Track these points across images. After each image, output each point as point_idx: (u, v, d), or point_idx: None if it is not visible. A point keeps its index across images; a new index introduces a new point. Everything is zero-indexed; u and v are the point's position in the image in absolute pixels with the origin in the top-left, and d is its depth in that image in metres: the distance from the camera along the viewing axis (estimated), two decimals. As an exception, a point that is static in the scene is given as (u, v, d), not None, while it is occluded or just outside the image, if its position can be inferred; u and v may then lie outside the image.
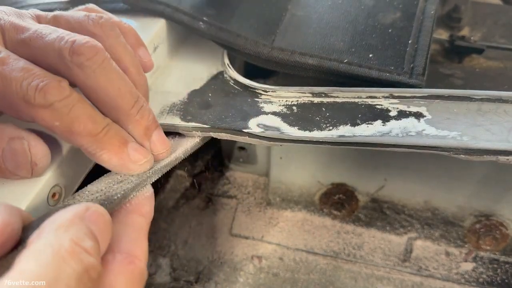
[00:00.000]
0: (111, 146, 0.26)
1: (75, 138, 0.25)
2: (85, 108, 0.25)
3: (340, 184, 0.53)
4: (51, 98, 0.24)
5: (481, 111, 0.32)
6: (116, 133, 0.27)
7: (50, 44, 0.25)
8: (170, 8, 0.39)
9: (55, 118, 0.24)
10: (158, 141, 0.29)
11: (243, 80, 0.37)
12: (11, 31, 0.26)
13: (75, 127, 0.25)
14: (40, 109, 0.24)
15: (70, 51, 0.25)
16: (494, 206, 0.49)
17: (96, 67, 0.25)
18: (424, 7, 0.40)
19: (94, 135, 0.25)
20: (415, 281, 0.51)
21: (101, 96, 0.26)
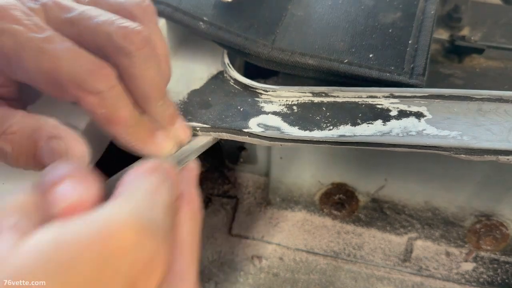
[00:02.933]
0: (143, 136, 0.28)
1: (112, 127, 0.26)
2: (126, 100, 0.26)
3: (341, 184, 0.53)
4: (102, 85, 0.24)
5: (482, 111, 0.32)
6: (146, 123, 0.28)
7: (99, 26, 0.25)
8: (170, 8, 0.39)
9: (102, 105, 0.25)
10: (181, 127, 0.31)
11: (243, 79, 0.37)
12: (55, 10, 0.26)
13: (116, 117, 0.26)
14: (89, 94, 0.24)
15: (122, 37, 0.25)
16: (494, 206, 0.49)
17: (143, 58, 0.26)
18: (424, 7, 0.40)
19: (130, 127, 0.27)
20: (415, 281, 0.51)
21: (139, 86, 0.27)
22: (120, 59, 0.26)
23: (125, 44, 0.25)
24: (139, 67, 0.26)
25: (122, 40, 0.25)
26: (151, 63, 0.27)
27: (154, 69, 0.27)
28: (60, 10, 0.26)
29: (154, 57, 0.27)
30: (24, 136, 0.25)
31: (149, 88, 0.27)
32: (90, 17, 0.26)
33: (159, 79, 0.28)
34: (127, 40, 0.25)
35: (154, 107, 0.28)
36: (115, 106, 0.26)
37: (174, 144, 0.30)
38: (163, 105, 0.29)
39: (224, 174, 0.61)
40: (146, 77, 0.27)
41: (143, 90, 0.27)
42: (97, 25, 0.26)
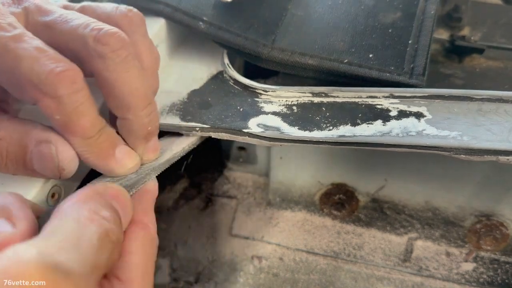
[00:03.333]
0: (100, 150, 0.25)
1: (69, 136, 0.24)
2: (90, 108, 0.24)
3: (340, 184, 0.53)
4: (61, 90, 0.23)
5: (482, 111, 0.32)
6: (108, 137, 0.26)
7: (74, 29, 0.25)
8: (170, 8, 0.39)
9: (58, 111, 0.23)
10: (152, 147, 0.29)
11: (243, 80, 0.37)
12: (35, 13, 0.26)
13: (73, 126, 0.24)
14: (46, 97, 0.23)
15: (95, 39, 0.24)
16: (494, 206, 0.49)
17: (118, 61, 0.25)
18: (424, 7, 0.40)
19: (87, 138, 0.25)
20: (415, 281, 0.51)
21: (116, 91, 0.25)
22: (94, 63, 0.25)
23: (98, 46, 0.24)
24: (114, 71, 0.25)
25: (95, 42, 0.24)
26: (128, 66, 0.25)
27: (134, 73, 0.25)
28: (40, 13, 0.26)
29: (132, 60, 0.25)
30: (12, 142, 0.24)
31: (129, 92, 0.25)
32: (66, 21, 0.25)
33: (140, 84, 0.26)
34: (100, 42, 0.24)
35: (134, 116, 0.26)
36: (74, 113, 0.23)
37: (135, 163, 0.28)
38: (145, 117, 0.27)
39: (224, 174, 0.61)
40: (123, 81, 0.25)
41: (122, 95, 0.25)
42: (71, 29, 0.25)
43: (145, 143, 0.28)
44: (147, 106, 0.27)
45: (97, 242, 0.19)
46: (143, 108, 0.26)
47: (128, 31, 0.27)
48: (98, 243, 0.19)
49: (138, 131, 0.27)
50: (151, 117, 0.27)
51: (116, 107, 0.26)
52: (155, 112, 0.28)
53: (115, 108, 0.26)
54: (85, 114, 0.24)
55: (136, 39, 0.28)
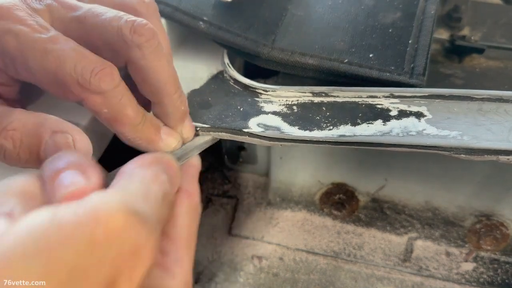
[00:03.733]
0: (148, 134, 0.28)
1: (118, 126, 0.27)
2: (131, 98, 0.27)
3: (341, 184, 0.53)
4: (105, 85, 0.25)
5: (482, 111, 0.32)
6: (151, 121, 0.29)
7: (108, 22, 0.26)
8: (170, 8, 0.39)
9: (105, 105, 0.25)
10: (189, 125, 0.31)
11: (243, 79, 0.37)
12: (60, 10, 0.27)
13: (120, 116, 0.26)
14: (93, 94, 0.25)
15: (131, 30, 0.26)
16: (494, 206, 0.49)
17: (152, 49, 0.26)
18: (425, 7, 0.40)
19: (135, 125, 0.27)
20: (415, 281, 0.51)
21: (151, 78, 0.27)
22: (131, 52, 0.26)
23: (135, 37, 0.26)
24: (150, 59, 0.26)
25: (131, 33, 0.26)
26: (161, 54, 0.27)
27: (165, 60, 0.27)
28: (66, 9, 0.27)
29: (163, 51, 0.27)
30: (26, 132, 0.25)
31: (163, 79, 0.27)
32: (97, 14, 0.26)
33: (172, 70, 0.28)
34: (136, 32, 0.26)
35: (169, 100, 0.29)
36: (120, 105, 0.26)
37: (179, 141, 0.30)
38: (178, 99, 0.29)
39: (224, 174, 0.61)
40: (159, 68, 0.27)
41: (157, 82, 0.27)
42: (105, 21, 0.26)
43: (181, 123, 0.30)
44: (178, 89, 0.29)
45: (160, 199, 0.22)
46: (175, 92, 0.29)
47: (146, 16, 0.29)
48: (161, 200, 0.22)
49: (174, 113, 0.29)
50: (182, 98, 0.30)
51: (152, 93, 0.28)
52: (183, 94, 0.30)
53: (151, 94, 0.28)
54: (129, 104, 0.26)
55: (154, 23, 0.29)
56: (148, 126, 0.28)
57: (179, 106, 0.29)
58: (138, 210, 0.19)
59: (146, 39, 0.26)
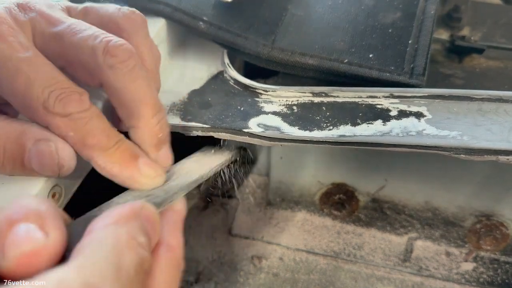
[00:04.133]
0: (122, 160, 0.26)
1: (87, 151, 0.25)
2: (101, 122, 0.25)
3: (341, 184, 0.53)
4: (70, 109, 0.24)
5: (482, 111, 0.32)
6: (128, 148, 0.27)
7: (84, 41, 0.25)
8: (170, 8, 0.39)
9: (70, 128, 0.24)
10: (165, 155, 0.29)
11: (243, 79, 0.37)
12: (43, 24, 0.26)
13: (88, 140, 0.25)
14: (57, 117, 0.24)
15: (104, 51, 0.25)
16: (494, 206, 0.49)
17: (126, 71, 0.25)
18: (424, 7, 0.40)
19: (107, 149, 0.25)
20: (415, 281, 0.51)
21: (126, 100, 0.26)
22: (104, 73, 0.25)
23: (107, 58, 0.25)
24: (123, 81, 0.25)
25: (104, 53, 0.25)
26: (136, 75, 0.26)
27: (141, 82, 0.26)
28: (48, 24, 0.26)
29: (140, 70, 0.26)
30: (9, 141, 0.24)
31: (138, 100, 0.26)
32: (75, 32, 0.26)
33: (149, 92, 0.27)
34: (109, 53, 0.25)
35: (144, 124, 0.27)
36: (86, 128, 0.25)
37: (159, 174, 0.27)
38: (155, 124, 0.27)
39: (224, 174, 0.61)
40: (133, 89, 0.26)
41: (132, 104, 0.26)
42: (80, 40, 0.25)
43: (156, 151, 0.28)
44: (156, 114, 0.27)
45: (133, 272, 0.19)
46: (152, 116, 0.27)
47: (130, 32, 0.28)
48: (134, 274, 0.19)
49: (149, 139, 0.27)
50: (161, 124, 0.28)
51: (127, 116, 0.27)
52: (164, 120, 0.28)
53: (125, 117, 0.27)
54: (97, 127, 0.25)
55: (138, 41, 0.29)
56: (122, 151, 0.26)
57: (156, 132, 0.27)
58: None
59: (120, 60, 0.25)
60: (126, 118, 0.27)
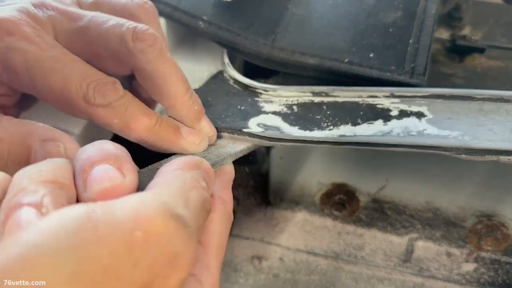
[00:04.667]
0: (167, 135, 0.28)
1: (135, 134, 0.27)
2: (139, 105, 0.27)
3: (341, 184, 0.52)
4: (109, 98, 0.25)
5: (483, 111, 0.32)
6: (168, 123, 0.29)
7: (110, 30, 0.26)
8: (169, 7, 0.39)
9: (114, 116, 0.26)
10: (207, 124, 0.31)
11: (243, 79, 0.37)
12: (64, 20, 0.27)
13: (132, 124, 0.26)
14: (99, 108, 0.25)
15: (133, 37, 0.26)
16: (495, 206, 0.49)
17: (156, 53, 0.26)
18: (425, 6, 0.40)
19: (151, 128, 0.27)
20: (416, 281, 0.51)
21: (158, 82, 0.27)
22: (135, 59, 0.26)
23: (137, 43, 0.26)
24: (155, 63, 0.27)
25: (133, 40, 0.26)
26: (165, 57, 0.27)
27: (170, 63, 0.27)
28: (68, 20, 0.27)
29: (167, 54, 0.27)
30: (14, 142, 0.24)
31: (171, 81, 0.28)
32: (100, 24, 0.26)
33: (179, 71, 0.28)
34: (138, 38, 0.26)
35: (181, 102, 0.29)
36: (129, 112, 0.26)
37: (202, 139, 0.30)
38: (189, 100, 0.29)
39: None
40: (165, 71, 0.27)
41: (166, 85, 0.27)
42: (107, 30, 0.26)
43: (198, 123, 0.30)
44: (188, 89, 0.29)
45: (199, 206, 0.21)
46: (186, 93, 0.29)
47: (145, 21, 0.29)
48: (200, 207, 0.21)
49: (188, 114, 0.29)
50: (193, 98, 0.30)
51: (162, 97, 0.28)
52: (195, 94, 0.30)
53: (162, 98, 0.28)
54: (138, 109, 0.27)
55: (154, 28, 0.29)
56: (165, 127, 0.28)
57: (192, 106, 0.29)
58: (179, 215, 0.19)
59: (148, 44, 0.26)
60: (162, 99, 0.28)
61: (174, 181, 0.21)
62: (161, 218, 0.18)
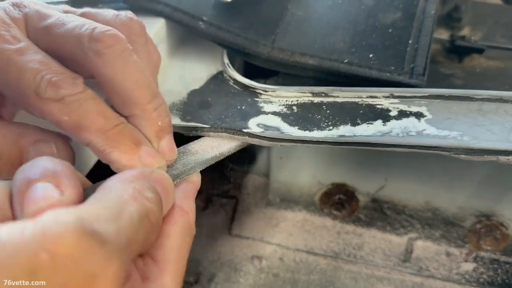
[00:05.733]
0: (122, 145, 0.25)
1: (84, 134, 0.24)
2: (97, 104, 0.24)
3: (341, 184, 0.53)
4: (62, 92, 0.23)
5: (482, 111, 0.32)
6: (130, 133, 0.25)
7: (70, 31, 0.25)
8: (170, 8, 0.39)
9: (64, 112, 0.23)
10: (167, 146, 0.27)
11: (243, 79, 0.37)
12: (35, 19, 0.26)
13: (84, 122, 0.24)
14: (50, 103, 0.23)
15: (89, 38, 0.24)
16: (494, 206, 0.49)
17: (115, 56, 0.24)
18: (424, 7, 0.40)
19: (105, 131, 0.24)
20: (415, 281, 0.51)
21: (116, 87, 0.25)
22: (92, 61, 0.25)
23: (92, 43, 0.24)
24: (111, 67, 0.25)
25: (90, 40, 0.24)
26: (126, 60, 0.25)
27: (132, 67, 0.25)
28: (38, 18, 0.26)
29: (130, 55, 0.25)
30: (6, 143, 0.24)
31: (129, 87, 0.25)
32: (63, 23, 0.25)
33: (141, 77, 0.26)
34: (94, 38, 0.24)
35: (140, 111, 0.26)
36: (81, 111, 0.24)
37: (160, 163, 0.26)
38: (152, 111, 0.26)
39: (224, 174, 0.61)
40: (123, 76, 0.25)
41: (123, 92, 0.25)
42: (67, 30, 0.25)
43: (157, 141, 0.27)
44: (153, 99, 0.26)
45: (136, 219, 0.20)
46: (148, 101, 0.26)
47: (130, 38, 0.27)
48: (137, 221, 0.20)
49: (148, 126, 0.26)
50: (159, 111, 0.27)
51: (122, 105, 0.26)
52: (163, 106, 0.27)
53: (121, 106, 0.26)
54: (92, 109, 0.24)
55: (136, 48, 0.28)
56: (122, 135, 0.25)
57: (154, 119, 0.26)
58: (95, 231, 0.17)
59: (106, 45, 0.24)
60: (121, 106, 0.26)
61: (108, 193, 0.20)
62: (71, 236, 0.16)
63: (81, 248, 0.16)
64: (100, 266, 0.17)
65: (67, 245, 0.16)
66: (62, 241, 0.16)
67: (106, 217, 0.18)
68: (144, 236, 0.20)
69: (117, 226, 0.18)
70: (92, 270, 0.16)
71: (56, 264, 0.16)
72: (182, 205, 0.25)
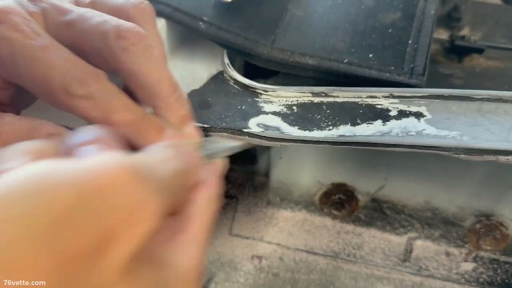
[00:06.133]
0: (149, 133, 0.27)
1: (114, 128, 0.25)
2: (123, 98, 0.26)
3: (340, 184, 0.53)
4: (91, 89, 0.24)
5: (481, 111, 0.32)
6: (153, 121, 0.27)
7: (95, 27, 0.26)
8: (170, 8, 0.39)
9: (94, 108, 0.25)
10: (191, 131, 0.30)
11: (243, 80, 0.37)
12: (55, 14, 0.26)
13: (113, 117, 0.25)
14: (80, 100, 0.24)
15: (115, 35, 0.25)
16: (494, 206, 0.49)
17: (140, 53, 0.26)
18: (424, 7, 0.40)
19: (133, 124, 0.26)
20: (415, 281, 0.51)
21: (142, 82, 0.27)
22: (118, 57, 0.26)
23: (119, 41, 0.25)
24: (137, 63, 0.26)
25: (116, 37, 0.25)
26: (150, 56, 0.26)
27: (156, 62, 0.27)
28: (58, 13, 0.27)
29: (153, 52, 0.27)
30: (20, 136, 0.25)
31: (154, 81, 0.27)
32: (85, 19, 0.26)
33: (164, 72, 0.28)
34: (121, 36, 0.25)
35: (164, 103, 0.28)
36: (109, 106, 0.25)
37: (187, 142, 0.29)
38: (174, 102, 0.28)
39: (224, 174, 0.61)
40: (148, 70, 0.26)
41: (149, 85, 0.27)
42: (92, 27, 0.26)
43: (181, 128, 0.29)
44: (174, 92, 0.28)
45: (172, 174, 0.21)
46: (171, 94, 0.28)
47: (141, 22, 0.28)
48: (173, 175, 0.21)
49: (172, 117, 0.28)
50: (180, 102, 0.29)
51: (147, 98, 0.28)
52: (183, 97, 0.29)
53: (146, 99, 0.28)
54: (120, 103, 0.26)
55: (148, 30, 0.29)
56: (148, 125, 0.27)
57: (176, 109, 0.28)
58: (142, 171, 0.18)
59: (131, 42, 0.25)
60: (146, 99, 0.28)
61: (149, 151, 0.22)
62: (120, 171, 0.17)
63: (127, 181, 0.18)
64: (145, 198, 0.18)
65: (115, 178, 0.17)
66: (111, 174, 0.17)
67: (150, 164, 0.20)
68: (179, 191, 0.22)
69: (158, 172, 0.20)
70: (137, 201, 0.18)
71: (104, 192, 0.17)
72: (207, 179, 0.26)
